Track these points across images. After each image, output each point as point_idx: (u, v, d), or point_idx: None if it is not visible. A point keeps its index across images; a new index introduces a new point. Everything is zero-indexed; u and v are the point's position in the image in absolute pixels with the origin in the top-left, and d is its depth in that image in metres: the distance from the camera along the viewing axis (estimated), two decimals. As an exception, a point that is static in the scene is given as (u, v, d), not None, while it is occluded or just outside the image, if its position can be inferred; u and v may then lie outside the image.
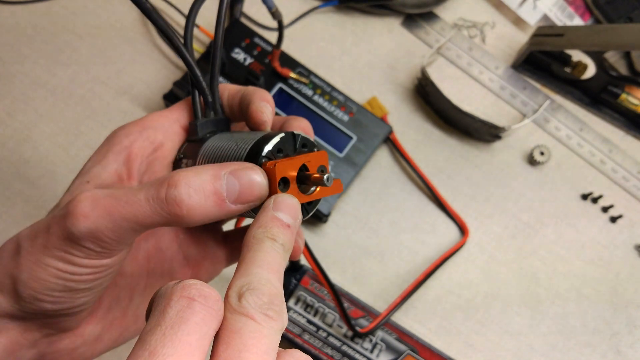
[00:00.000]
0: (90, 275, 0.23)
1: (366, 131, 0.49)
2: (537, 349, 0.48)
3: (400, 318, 0.47)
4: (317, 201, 0.26)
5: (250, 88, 0.29)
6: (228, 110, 0.30)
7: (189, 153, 0.28)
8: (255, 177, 0.22)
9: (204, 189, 0.21)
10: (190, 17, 0.28)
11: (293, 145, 0.25)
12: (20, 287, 0.23)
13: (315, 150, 0.26)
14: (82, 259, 0.23)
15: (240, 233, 0.32)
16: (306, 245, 0.40)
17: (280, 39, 0.44)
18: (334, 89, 0.50)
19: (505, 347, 0.48)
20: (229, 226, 0.33)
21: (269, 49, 0.51)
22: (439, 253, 0.50)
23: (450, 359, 0.45)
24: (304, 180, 0.25)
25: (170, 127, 0.29)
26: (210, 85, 0.29)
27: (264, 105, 0.27)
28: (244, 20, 0.55)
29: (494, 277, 0.50)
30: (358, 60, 0.55)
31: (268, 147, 0.24)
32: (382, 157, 0.52)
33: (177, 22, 0.54)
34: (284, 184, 0.24)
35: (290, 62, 0.51)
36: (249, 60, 0.50)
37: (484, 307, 0.49)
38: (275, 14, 0.40)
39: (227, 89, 0.30)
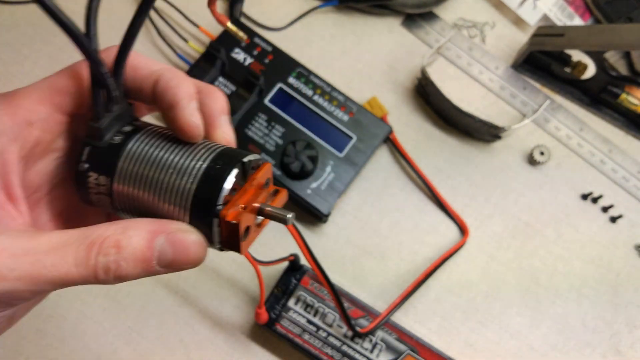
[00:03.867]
0: None
1: (366, 131, 0.49)
2: (537, 349, 0.48)
3: (400, 318, 0.47)
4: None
5: (168, 73, 0.24)
6: (133, 93, 0.25)
7: (97, 164, 0.23)
8: (191, 247, 0.21)
9: (135, 257, 0.21)
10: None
11: (243, 173, 0.22)
12: None
13: (261, 164, 0.24)
14: None
15: None
16: (306, 245, 0.40)
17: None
18: (334, 89, 0.50)
19: (505, 347, 0.48)
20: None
21: (269, 49, 0.51)
22: (439, 253, 0.50)
23: (450, 359, 0.45)
24: (262, 214, 0.23)
25: (51, 117, 0.24)
26: (115, 74, 0.23)
27: (193, 109, 0.23)
28: (244, 20, 0.55)
29: (494, 277, 0.50)
30: (358, 60, 0.55)
31: (224, 193, 0.21)
32: (382, 157, 0.52)
33: (177, 22, 0.54)
34: (246, 231, 0.22)
35: (290, 62, 0.51)
36: (249, 60, 0.50)
37: (484, 307, 0.49)
38: None
39: (135, 70, 0.24)
